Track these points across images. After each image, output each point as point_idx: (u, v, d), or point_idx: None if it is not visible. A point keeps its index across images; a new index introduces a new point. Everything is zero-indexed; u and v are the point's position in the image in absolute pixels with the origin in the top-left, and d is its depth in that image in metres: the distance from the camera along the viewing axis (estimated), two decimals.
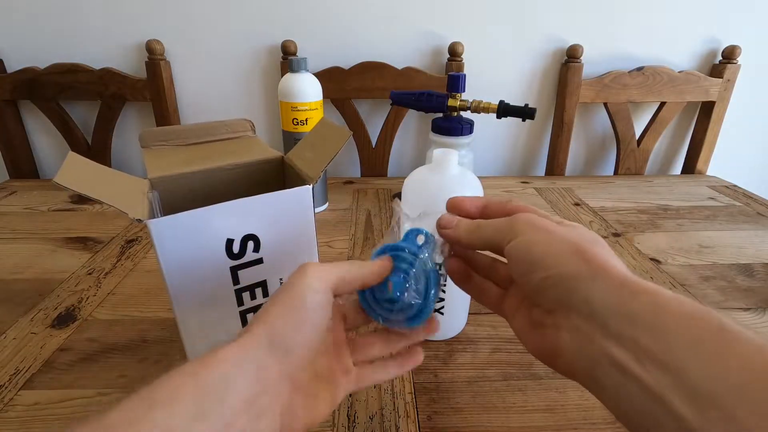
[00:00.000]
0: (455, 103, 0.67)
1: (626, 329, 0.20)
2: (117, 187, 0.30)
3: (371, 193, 0.85)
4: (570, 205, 0.80)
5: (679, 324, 0.19)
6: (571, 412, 0.37)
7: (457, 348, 0.45)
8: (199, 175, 0.36)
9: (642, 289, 0.20)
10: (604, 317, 0.20)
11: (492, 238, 0.26)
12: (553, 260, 0.23)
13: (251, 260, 0.33)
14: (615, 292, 0.21)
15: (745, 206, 0.80)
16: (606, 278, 0.21)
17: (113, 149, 0.96)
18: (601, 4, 0.89)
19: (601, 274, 0.21)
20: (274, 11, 0.87)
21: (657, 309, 0.19)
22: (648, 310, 0.19)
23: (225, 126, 0.43)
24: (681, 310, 0.19)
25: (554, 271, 0.23)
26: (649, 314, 0.19)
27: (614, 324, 0.20)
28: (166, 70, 0.89)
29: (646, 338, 0.19)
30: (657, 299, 0.20)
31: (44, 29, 0.87)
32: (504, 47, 0.92)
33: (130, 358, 0.43)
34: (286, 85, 0.67)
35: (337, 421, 0.36)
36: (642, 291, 0.20)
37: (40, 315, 0.49)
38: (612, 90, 0.93)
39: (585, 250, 0.22)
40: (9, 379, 0.40)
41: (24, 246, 0.64)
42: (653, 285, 0.21)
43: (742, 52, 0.91)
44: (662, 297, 0.20)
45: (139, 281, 0.55)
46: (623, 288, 0.21)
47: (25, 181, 0.92)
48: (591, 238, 0.24)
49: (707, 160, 1.00)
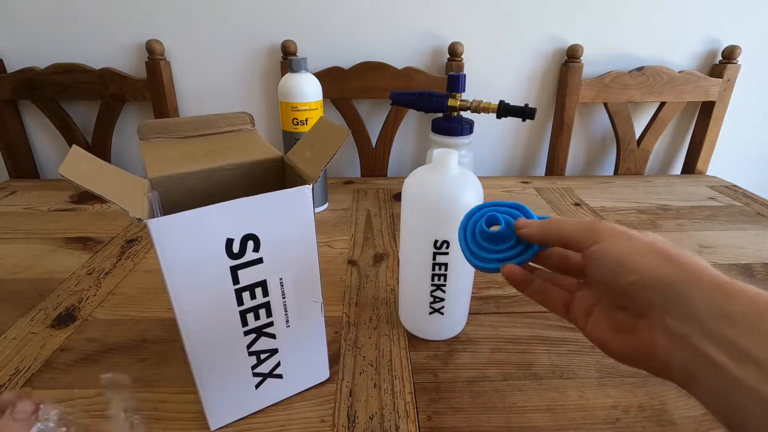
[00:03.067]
0: (455, 103, 0.67)
1: (724, 330, 0.20)
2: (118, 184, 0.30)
3: (371, 193, 0.85)
4: (570, 205, 0.80)
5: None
6: (571, 412, 0.37)
7: (457, 348, 0.45)
8: (199, 175, 0.36)
9: (739, 290, 0.20)
10: (700, 318, 0.21)
11: (572, 235, 0.27)
12: (643, 263, 0.23)
13: (251, 260, 0.33)
14: (711, 293, 0.21)
15: (745, 206, 0.80)
16: (701, 280, 0.21)
17: (113, 149, 0.96)
18: (601, 4, 0.89)
19: (696, 276, 0.22)
20: (274, 11, 0.87)
21: (755, 310, 0.19)
22: (746, 312, 0.20)
23: (224, 119, 0.43)
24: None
25: (647, 274, 0.23)
26: (748, 315, 0.19)
27: (711, 325, 0.20)
28: (166, 70, 0.89)
29: (744, 339, 0.19)
30: (755, 300, 0.20)
31: (44, 29, 0.87)
32: (504, 47, 0.92)
33: (130, 358, 0.43)
34: (286, 85, 0.67)
35: (337, 421, 0.36)
36: (739, 292, 0.20)
37: (40, 315, 0.49)
38: (612, 90, 0.93)
39: (676, 255, 0.23)
40: (9, 379, 0.40)
41: (24, 246, 0.64)
42: (751, 287, 0.21)
43: (742, 52, 0.91)
44: (761, 298, 0.20)
45: (139, 281, 0.55)
46: (719, 289, 0.21)
47: (25, 181, 0.92)
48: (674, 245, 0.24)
49: (707, 160, 1.00)
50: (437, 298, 0.43)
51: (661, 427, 0.36)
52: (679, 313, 0.22)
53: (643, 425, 0.36)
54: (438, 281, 0.42)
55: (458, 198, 0.39)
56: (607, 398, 0.39)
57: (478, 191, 0.40)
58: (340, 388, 0.40)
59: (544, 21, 0.90)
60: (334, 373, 0.41)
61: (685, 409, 0.38)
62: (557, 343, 0.45)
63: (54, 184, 0.87)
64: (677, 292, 0.22)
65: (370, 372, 0.41)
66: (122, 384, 0.34)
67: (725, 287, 0.21)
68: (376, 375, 0.41)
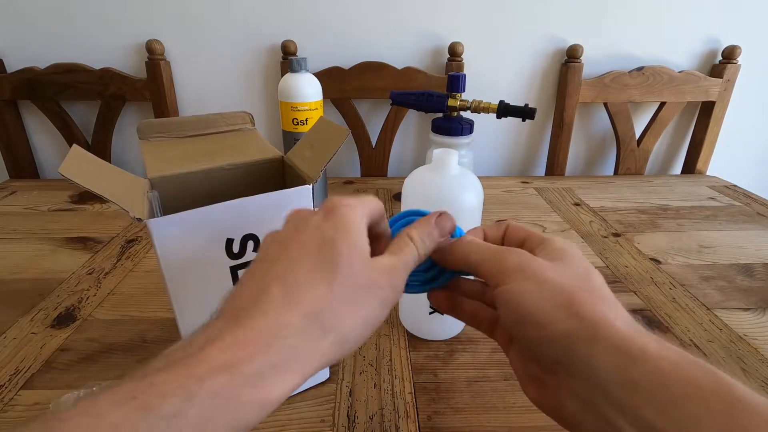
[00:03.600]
0: (455, 103, 0.67)
1: (628, 399, 0.18)
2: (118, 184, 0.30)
3: (371, 193, 0.85)
4: (570, 205, 0.80)
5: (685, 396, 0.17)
6: None
7: (457, 348, 0.45)
8: (199, 175, 0.36)
9: (641, 352, 0.19)
10: (604, 383, 0.19)
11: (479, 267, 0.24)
12: (545, 316, 0.21)
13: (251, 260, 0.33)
14: (613, 355, 0.19)
15: (745, 206, 0.80)
16: (603, 338, 0.19)
17: (113, 149, 0.96)
18: (601, 4, 0.89)
19: (598, 333, 0.20)
20: (274, 11, 0.87)
21: (658, 379, 0.18)
22: (649, 380, 0.18)
23: (224, 118, 0.43)
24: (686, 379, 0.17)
25: (550, 330, 0.21)
26: (651, 384, 0.18)
27: (616, 392, 0.19)
28: (166, 70, 0.89)
29: (649, 411, 0.18)
30: (658, 365, 0.18)
31: (44, 29, 0.87)
32: (504, 47, 0.92)
33: (130, 358, 0.43)
34: (286, 85, 0.67)
35: (337, 421, 0.36)
36: (641, 355, 0.19)
37: (40, 315, 0.49)
38: (612, 90, 0.93)
39: (579, 303, 0.21)
40: (9, 379, 0.40)
41: (24, 246, 0.64)
42: (655, 345, 0.19)
43: (742, 52, 0.91)
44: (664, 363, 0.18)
45: (139, 281, 0.55)
46: (620, 351, 0.19)
47: (25, 181, 0.92)
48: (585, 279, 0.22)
49: (707, 160, 1.00)
50: None
51: None
52: (583, 376, 0.20)
53: None
54: None
55: (458, 198, 0.39)
56: None
57: (478, 191, 0.40)
58: (340, 388, 0.40)
59: (544, 21, 0.90)
60: (334, 373, 0.41)
61: None
62: None
63: (54, 184, 0.87)
64: (580, 355, 0.20)
65: (370, 372, 0.41)
66: None
67: (627, 348, 0.19)
68: (376, 375, 0.41)
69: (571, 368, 0.20)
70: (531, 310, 0.21)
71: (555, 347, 0.21)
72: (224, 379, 0.16)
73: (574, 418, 0.21)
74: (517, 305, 0.22)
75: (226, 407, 0.16)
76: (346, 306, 0.20)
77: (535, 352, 0.22)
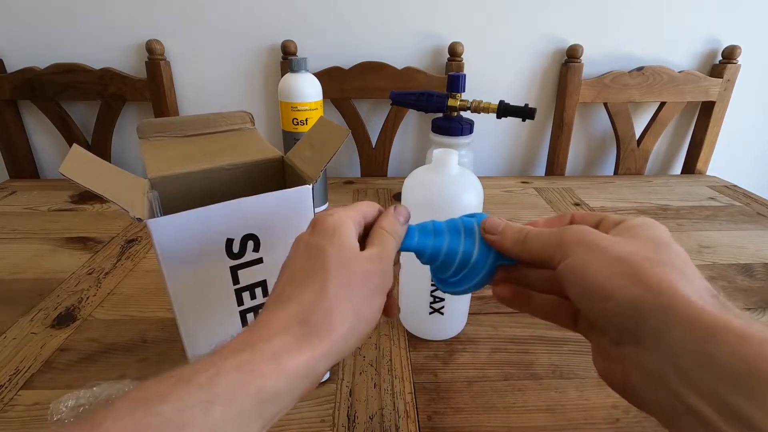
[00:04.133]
0: (455, 103, 0.67)
1: (707, 379, 0.17)
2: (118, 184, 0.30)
3: (371, 193, 0.85)
4: (570, 205, 0.80)
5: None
6: (571, 412, 0.37)
7: (457, 348, 0.45)
8: (199, 175, 0.36)
9: (722, 327, 0.17)
10: (677, 358, 0.17)
11: (540, 254, 0.24)
12: (609, 287, 0.20)
13: (251, 260, 0.33)
14: (686, 327, 0.17)
15: (745, 206, 0.80)
16: (674, 309, 0.18)
17: (113, 149, 0.96)
18: (601, 4, 0.89)
19: (668, 302, 0.18)
20: (274, 11, 0.87)
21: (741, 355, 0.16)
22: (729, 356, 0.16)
23: (224, 118, 0.43)
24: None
25: (616, 300, 0.20)
26: (732, 360, 0.16)
27: (691, 368, 0.17)
28: (166, 70, 0.89)
29: (725, 388, 0.16)
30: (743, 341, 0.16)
31: (44, 29, 0.87)
32: (504, 47, 0.92)
33: (130, 358, 0.43)
34: (286, 85, 0.67)
35: (337, 421, 0.36)
36: (722, 330, 0.17)
37: (40, 315, 0.49)
38: (612, 90, 0.93)
39: (643, 271, 0.19)
40: (9, 379, 0.40)
41: (24, 246, 0.64)
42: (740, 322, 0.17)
43: (742, 52, 0.91)
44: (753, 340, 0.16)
45: (139, 281, 0.55)
46: (695, 322, 0.17)
47: (25, 181, 0.92)
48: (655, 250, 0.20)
49: (707, 160, 1.00)
50: (437, 298, 0.43)
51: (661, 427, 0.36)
52: (653, 348, 0.19)
53: (643, 425, 0.36)
54: None
55: (458, 198, 0.39)
56: (607, 398, 0.39)
57: (478, 191, 0.40)
58: (340, 388, 0.40)
59: (544, 21, 0.90)
60: (334, 373, 0.41)
61: None
62: (557, 343, 0.45)
63: (54, 184, 0.87)
64: (649, 325, 0.18)
65: (370, 372, 0.41)
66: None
67: (704, 320, 0.17)
68: (376, 375, 0.41)
69: (640, 340, 0.19)
70: (594, 281, 0.21)
71: (621, 318, 0.20)
72: (245, 356, 0.19)
73: (642, 393, 0.20)
74: (579, 278, 0.21)
75: (250, 377, 0.19)
76: (345, 294, 0.22)
77: (602, 325, 0.21)
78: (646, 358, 0.19)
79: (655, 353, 0.18)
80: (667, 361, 0.18)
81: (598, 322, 0.22)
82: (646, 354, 0.19)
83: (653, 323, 0.18)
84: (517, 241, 0.25)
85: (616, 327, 0.20)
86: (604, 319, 0.21)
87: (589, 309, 0.22)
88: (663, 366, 0.18)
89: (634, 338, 0.19)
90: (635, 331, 0.19)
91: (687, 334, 0.17)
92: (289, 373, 0.19)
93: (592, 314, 0.22)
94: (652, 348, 0.19)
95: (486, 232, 0.27)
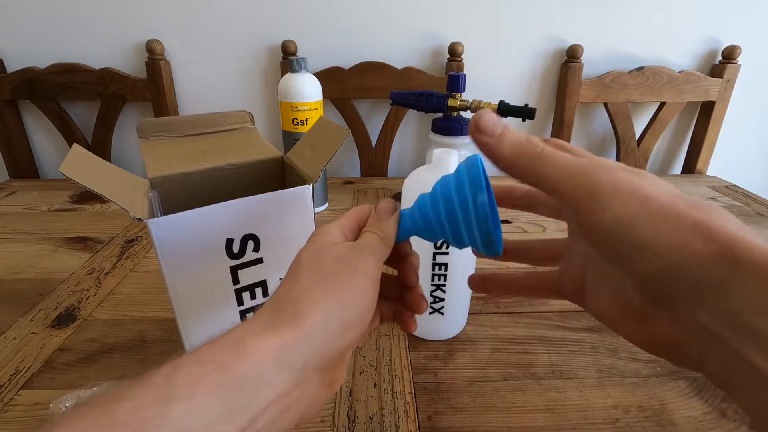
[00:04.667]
0: (455, 103, 0.67)
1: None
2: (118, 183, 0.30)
3: (371, 193, 0.85)
4: None
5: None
6: (571, 412, 0.37)
7: (457, 348, 0.45)
8: (199, 175, 0.36)
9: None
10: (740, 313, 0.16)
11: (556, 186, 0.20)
12: (668, 243, 0.17)
13: (251, 260, 0.33)
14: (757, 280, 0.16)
15: (745, 206, 0.80)
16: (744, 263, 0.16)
17: (113, 149, 0.96)
18: (601, 4, 0.89)
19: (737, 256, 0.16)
20: (274, 11, 0.87)
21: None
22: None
23: (224, 118, 0.43)
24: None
25: (673, 258, 0.17)
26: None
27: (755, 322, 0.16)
28: (166, 70, 0.89)
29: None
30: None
31: (44, 29, 0.87)
32: (504, 47, 0.92)
33: (130, 358, 0.43)
34: (286, 85, 0.67)
35: (337, 421, 0.36)
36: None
37: (40, 315, 0.49)
38: (612, 90, 0.93)
39: (708, 225, 0.17)
40: (9, 379, 0.40)
41: (24, 246, 0.64)
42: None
43: (742, 52, 0.91)
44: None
45: (139, 281, 0.55)
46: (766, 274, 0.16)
47: (25, 181, 0.92)
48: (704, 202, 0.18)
49: (707, 160, 1.00)
50: (437, 298, 0.43)
51: (661, 427, 0.36)
52: (714, 307, 0.17)
53: (643, 425, 0.36)
54: (438, 281, 0.42)
55: None
56: (607, 398, 0.39)
57: None
58: (340, 388, 0.40)
59: (544, 21, 0.90)
60: None
61: (685, 409, 0.38)
62: (557, 343, 0.45)
63: (54, 184, 0.87)
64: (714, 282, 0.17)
65: (370, 372, 0.41)
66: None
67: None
68: (376, 375, 0.41)
69: (699, 299, 0.17)
70: (644, 238, 0.18)
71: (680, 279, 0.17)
72: (205, 349, 0.20)
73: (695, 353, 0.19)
74: (625, 235, 0.18)
75: (209, 368, 0.18)
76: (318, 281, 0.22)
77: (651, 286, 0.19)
78: (706, 318, 0.17)
79: (717, 312, 0.17)
80: (730, 319, 0.16)
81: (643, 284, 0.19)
82: (704, 314, 0.17)
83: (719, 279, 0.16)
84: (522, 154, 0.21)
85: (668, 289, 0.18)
86: (651, 283, 0.18)
87: (630, 272, 0.19)
88: (724, 326, 0.17)
89: (690, 300, 0.17)
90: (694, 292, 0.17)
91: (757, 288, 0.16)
92: (254, 359, 0.18)
93: (632, 277, 0.19)
94: (713, 306, 0.17)
95: (477, 131, 0.21)
